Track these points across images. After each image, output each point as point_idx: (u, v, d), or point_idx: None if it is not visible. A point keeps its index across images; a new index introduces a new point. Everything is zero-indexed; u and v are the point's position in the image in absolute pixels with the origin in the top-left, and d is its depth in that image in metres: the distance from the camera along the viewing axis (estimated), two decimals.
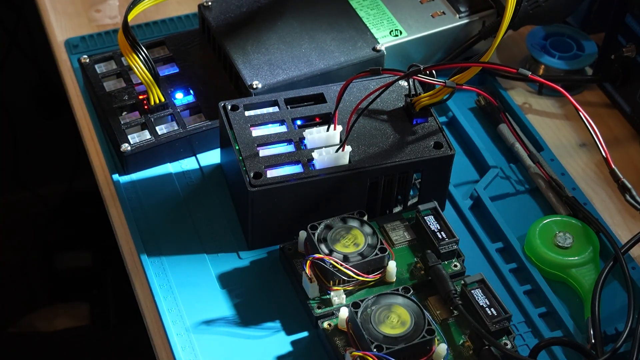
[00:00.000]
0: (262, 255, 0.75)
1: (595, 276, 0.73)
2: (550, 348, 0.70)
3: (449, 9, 0.87)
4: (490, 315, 0.67)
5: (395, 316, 0.66)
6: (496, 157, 0.84)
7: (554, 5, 0.87)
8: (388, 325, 0.66)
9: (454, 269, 0.72)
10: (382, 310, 0.67)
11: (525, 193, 0.81)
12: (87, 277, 1.45)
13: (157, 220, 0.77)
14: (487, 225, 0.79)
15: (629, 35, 0.85)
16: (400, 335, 0.65)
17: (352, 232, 0.71)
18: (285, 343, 0.70)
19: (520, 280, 0.75)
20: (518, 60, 0.93)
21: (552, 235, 0.76)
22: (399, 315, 0.67)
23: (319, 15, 0.85)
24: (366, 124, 0.76)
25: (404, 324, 0.66)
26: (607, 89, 0.90)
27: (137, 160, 0.80)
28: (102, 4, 0.98)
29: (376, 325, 0.66)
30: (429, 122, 0.76)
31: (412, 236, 0.74)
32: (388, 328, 0.66)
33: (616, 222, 0.80)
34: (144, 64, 0.78)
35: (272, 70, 0.81)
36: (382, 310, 0.67)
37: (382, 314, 0.66)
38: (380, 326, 0.66)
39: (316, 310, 0.69)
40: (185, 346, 0.70)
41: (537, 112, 0.89)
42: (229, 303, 0.72)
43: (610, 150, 0.75)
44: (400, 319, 0.66)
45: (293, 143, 0.75)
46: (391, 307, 0.67)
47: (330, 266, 0.69)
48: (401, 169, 0.74)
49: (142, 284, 0.74)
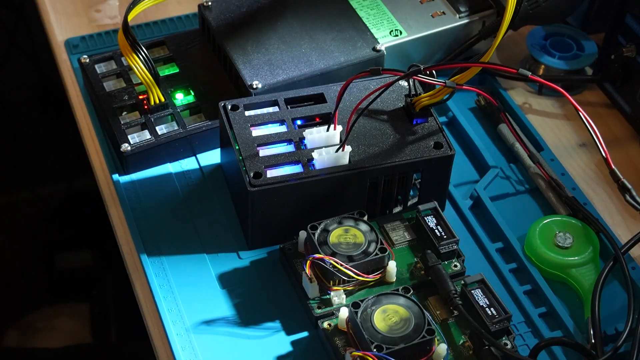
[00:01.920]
0: (262, 255, 0.76)
1: (595, 276, 0.73)
2: (550, 348, 0.70)
3: (449, 9, 0.87)
4: (490, 316, 0.67)
5: (395, 316, 0.66)
6: (496, 157, 0.84)
7: (554, 5, 0.87)
8: (388, 325, 0.66)
9: (454, 269, 0.72)
10: (382, 311, 0.67)
11: (525, 193, 0.82)
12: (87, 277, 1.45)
13: (157, 220, 0.77)
14: (487, 225, 0.79)
15: (629, 35, 0.85)
16: (400, 336, 0.65)
17: (352, 232, 0.71)
18: (285, 343, 0.70)
19: (520, 280, 0.75)
20: (518, 60, 0.93)
21: (552, 235, 0.76)
22: (399, 316, 0.67)
23: (319, 15, 0.85)
24: (366, 124, 0.76)
25: (404, 324, 0.66)
26: (607, 89, 0.90)
27: (137, 160, 0.80)
28: (102, 4, 0.98)
29: (376, 326, 0.66)
30: (429, 122, 0.76)
31: (412, 236, 0.74)
32: (388, 328, 0.66)
33: (616, 222, 0.80)
34: (144, 64, 0.78)
35: (272, 70, 0.81)
36: (382, 311, 0.67)
37: (382, 314, 0.67)
38: (380, 326, 0.66)
39: (316, 310, 0.69)
40: (185, 346, 0.70)
41: (537, 112, 0.89)
42: (229, 303, 0.72)
43: (610, 150, 0.75)
44: (400, 319, 0.66)
45: (293, 143, 0.75)
46: (391, 307, 0.67)
47: (330, 266, 0.69)
48: (401, 169, 0.74)
49: (142, 284, 0.74)
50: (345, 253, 0.70)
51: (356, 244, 0.70)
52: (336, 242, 0.71)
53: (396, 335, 0.65)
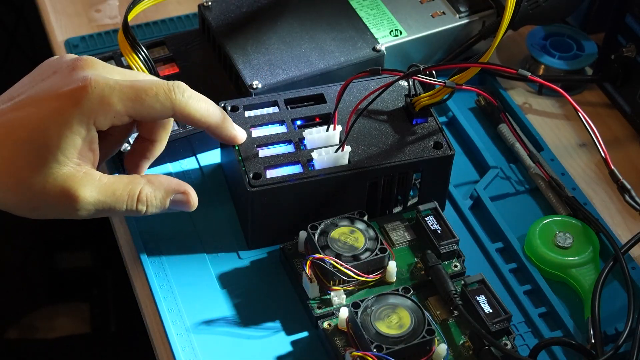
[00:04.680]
0: (262, 255, 0.76)
1: (595, 276, 0.73)
2: (550, 348, 0.70)
3: (449, 9, 0.87)
4: (490, 316, 0.67)
5: (395, 316, 0.66)
6: (496, 157, 0.84)
7: (554, 5, 0.87)
8: (388, 325, 0.66)
9: (454, 269, 0.72)
10: (382, 311, 0.67)
11: (525, 193, 0.82)
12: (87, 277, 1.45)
13: (157, 220, 0.77)
14: (487, 225, 0.79)
15: (629, 35, 0.85)
16: (400, 336, 0.65)
17: (353, 232, 0.71)
18: (285, 343, 0.70)
19: (520, 280, 0.75)
20: (518, 60, 0.93)
21: (552, 235, 0.76)
22: (399, 316, 0.67)
23: (319, 15, 0.85)
24: (366, 124, 0.76)
25: (404, 324, 0.66)
26: (607, 89, 0.90)
27: None
28: (102, 4, 0.98)
29: (376, 326, 0.66)
30: (429, 122, 0.76)
31: (412, 236, 0.74)
32: (388, 328, 0.66)
33: (616, 222, 0.80)
34: (144, 64, 0.78)
35: (272, 70, 0.81)
36: (382, 311, 0.67)
37: (382, 314, 0.67)
38: (380, 326, 0.66)
39: (316, 310, 0.69)
40: (185, 346, 0.70)
41: (537, 112, 0.89)
42: (229, 303, 0.72)
43: (610, 150, 0.75)
44: (400, 319, 0.66)
45: (293, 143, 0.75)
46: (391, 307, 0.67)
47: (330, 266, 0.69)
48: (401, 169, 0.74)
49: (142, 284, 0.74)
50: (345, 253, 0.70)
51: (356, 244, 0.70)
52: (336, 242, 0.71)
53: (396, 336, 0.65)
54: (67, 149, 0.64)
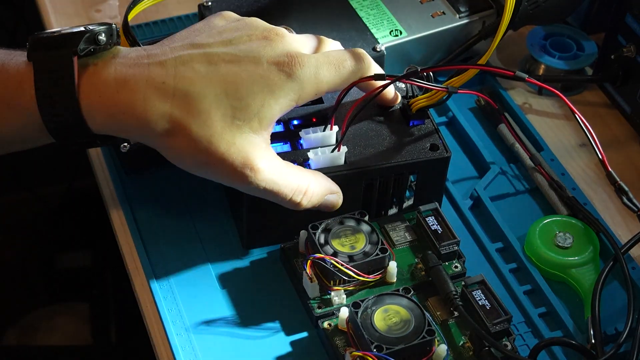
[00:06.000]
0: (262, 255, 0.76)
1: (595, 276, 0.73)
2: (550, 348, 0.70)
3: (449, 9, 0.87)
4: (490, 317, 0.67)
5: (395, 317, 0.66)
6: (496, 157, 0.84)
7: (554, 5, 0.87)
8: (388, 325, 0.66)
9: (454, 270, 0.72)
10: (382, 311, 0.67)
11: (525, 193, 0.82)
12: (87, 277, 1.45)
13: (157, 220, 0.77)
14: (487, 225, 0.79)
15: (629, 35, 0.85)
16: (401, 336, 0.65)
17: (353, 232, 0.71)
18: (285, 343, 0.70)
19: (520, 280, 0.75)
20: (518, 60, 0.93)
21: (552, 235, 0.76)
22: (400, 316, 0.67)
23: (319, 16, 0.85)
24: (362, 124, 0.76)
25: (404, 324, 0.66)
26: (607, 89, 0.90)
27: (137, 160, 0.80)
28: (102, 4, 0.98)
29: (376, 326, 0.66)
30: (426, 124, 0.76)
31: (412, 237, 0.74)
32: (388, 328, 0.66)
33: (616, 222, 0.80)
34: None
35: None
36: (382, 311, 0.67)
37: (382, 314, 0.67)
38: (380, 326, 0.66)
39: (316, 310, 0.69)
40: (185, 346, 0.70)
41: (537, 112, 0.89)
42: (229, 303, 0.72)
43: (610, 150, 0.75)
44: (400, 320, 0.66)
45: (289, 143, 0.74)
46: (391, 307, 0.67)
47: (331, 266, 0.69)
48: (397, 170, 0.73)
49: (142, 284, 0.74)
50: (346, 253, 0.70)
51: (357, 245, 0.70)
52: (337, 242, 0.71)
53: (396, 336, 0.65)
54: (265, 118, 0.64)
